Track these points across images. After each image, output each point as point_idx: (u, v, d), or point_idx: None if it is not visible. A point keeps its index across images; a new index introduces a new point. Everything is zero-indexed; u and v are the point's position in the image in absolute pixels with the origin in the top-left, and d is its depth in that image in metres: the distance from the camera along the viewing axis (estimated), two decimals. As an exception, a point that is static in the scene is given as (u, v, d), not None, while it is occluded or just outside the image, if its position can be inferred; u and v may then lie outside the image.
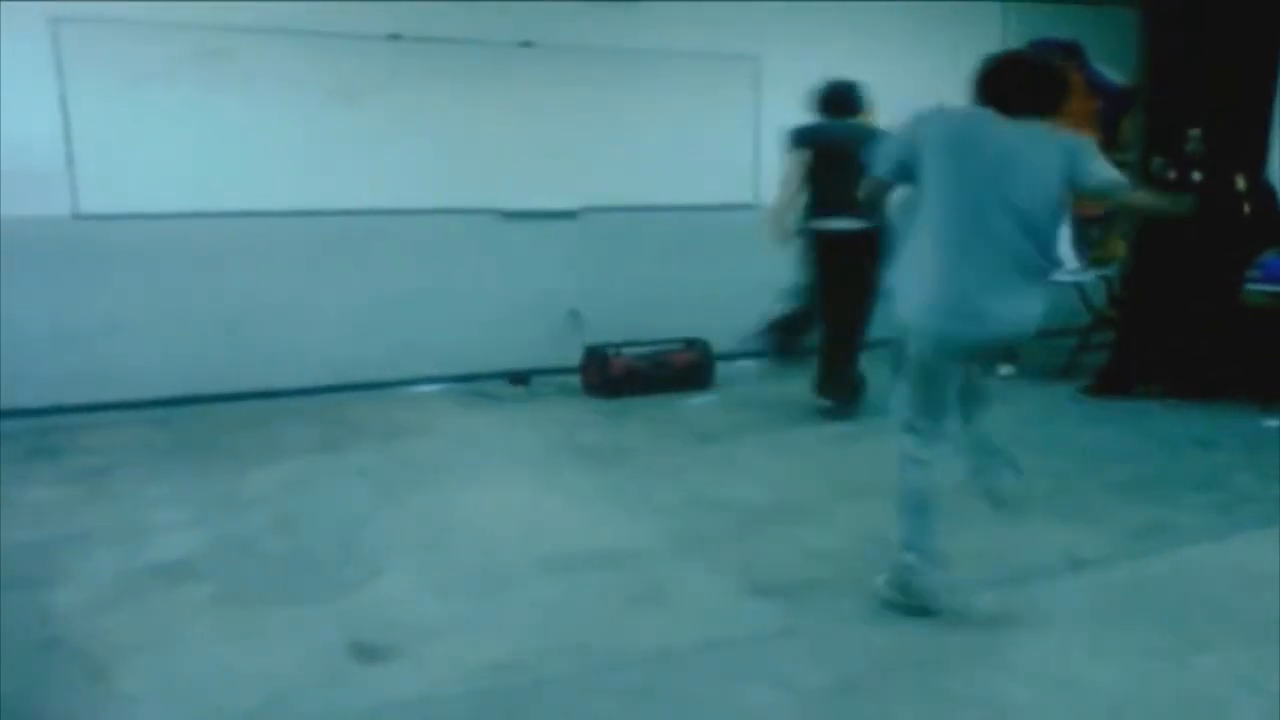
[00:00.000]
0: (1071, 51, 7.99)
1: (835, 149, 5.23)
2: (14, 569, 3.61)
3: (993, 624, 3.23)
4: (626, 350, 6.34)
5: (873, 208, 3.56)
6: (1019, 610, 3.32)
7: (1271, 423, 5.53)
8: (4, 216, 5.30)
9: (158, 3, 5.44)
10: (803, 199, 5.46)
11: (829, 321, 5.56)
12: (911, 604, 3.23)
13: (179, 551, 3.78)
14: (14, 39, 5.23)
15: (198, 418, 5.61)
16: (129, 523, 4.06)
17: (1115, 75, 8.16)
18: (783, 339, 5.75)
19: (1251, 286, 5.92)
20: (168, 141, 5.60)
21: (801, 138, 5.45)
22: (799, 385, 5.78)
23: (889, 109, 7.52)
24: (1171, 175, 5.96)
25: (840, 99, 5.49)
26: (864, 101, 5.55)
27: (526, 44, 6.27)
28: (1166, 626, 3.20)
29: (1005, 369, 6.51)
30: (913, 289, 3.14)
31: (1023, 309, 3.12)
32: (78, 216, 5.49)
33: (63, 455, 4.95)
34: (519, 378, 6.47)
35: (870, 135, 4.72)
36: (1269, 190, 6.13)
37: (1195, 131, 5.93)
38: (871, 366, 5.60)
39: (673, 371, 6.38)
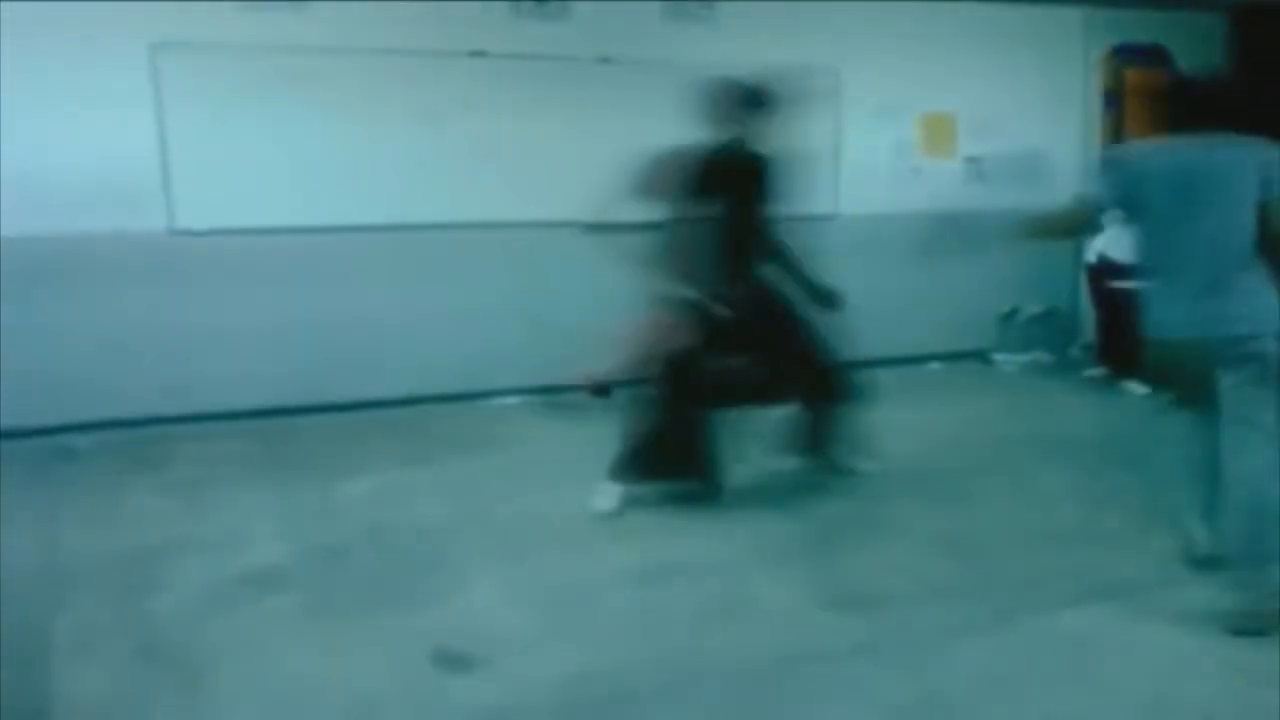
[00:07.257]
0: (1156, 57, 7.81)
1: None
2: (115, 575, 3.75)
3: (1082, 641, 3.18)
4: (710, 361, 6.29)
5: None
6: (1110, 628, 3.26)
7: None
8: (105, 232, 5.52)
9: (249, 28, 5.62)
10: None
11: None
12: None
13: (269, 561, 3.88)
14: (116, 66, 5.44)
15: (288, 429, 5.74)
16: (223, 533, 4.17)
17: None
18: None
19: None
20: (259, 159, 5.76)
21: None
22: (888, 400, 5.70)
23: (968, 119, 7.51)
24: None
25: None
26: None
27: (605, 60, 6.33)
28: (1263, 645, 3.11)
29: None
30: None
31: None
32: (174, 232, 5.68)
33: (161, 466, 5.10)
34: (601, 389, 6.49)
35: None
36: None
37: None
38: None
39: (759, 382, 6.29)
